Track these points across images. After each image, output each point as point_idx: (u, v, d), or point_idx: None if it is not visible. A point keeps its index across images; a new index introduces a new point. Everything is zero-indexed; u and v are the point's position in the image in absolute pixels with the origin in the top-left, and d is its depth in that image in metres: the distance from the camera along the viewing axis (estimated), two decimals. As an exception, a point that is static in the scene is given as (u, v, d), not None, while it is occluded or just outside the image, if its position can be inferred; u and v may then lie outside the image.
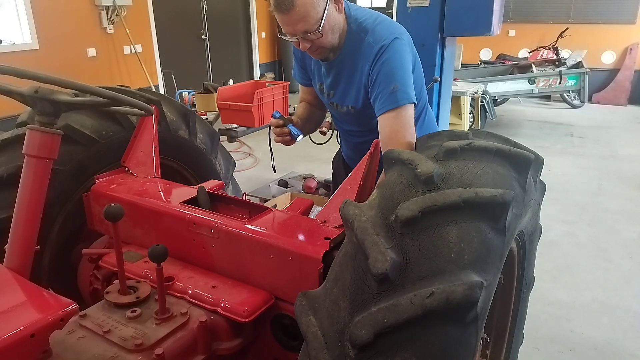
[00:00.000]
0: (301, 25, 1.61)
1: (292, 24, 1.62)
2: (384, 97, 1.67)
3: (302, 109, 2.09)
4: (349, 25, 1.74)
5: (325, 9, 1.61)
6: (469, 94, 5.86)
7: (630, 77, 8.75)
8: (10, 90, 1.31)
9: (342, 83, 1.84)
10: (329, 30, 1.66)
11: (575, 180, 5.14)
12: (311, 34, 1.63)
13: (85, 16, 6.34)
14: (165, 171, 1.95)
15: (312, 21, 1.60)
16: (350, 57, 1.77)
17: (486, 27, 3.05)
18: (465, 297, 0.87)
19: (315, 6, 1.58)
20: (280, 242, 1.35)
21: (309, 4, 1.57)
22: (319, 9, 1.59)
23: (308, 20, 1.60)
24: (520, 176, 1.18)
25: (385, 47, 1.68)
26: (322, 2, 1.60)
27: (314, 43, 1.67)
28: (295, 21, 1.60)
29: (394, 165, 1.14)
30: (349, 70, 1.79)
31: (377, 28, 1.72)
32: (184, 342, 1.27)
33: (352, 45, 1.75)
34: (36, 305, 1.15)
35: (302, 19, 1.59)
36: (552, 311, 2.88)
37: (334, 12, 1.66)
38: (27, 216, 1.38)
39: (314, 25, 1.61)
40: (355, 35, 1.74)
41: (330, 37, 1.69)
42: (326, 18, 1.62)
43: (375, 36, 1.70)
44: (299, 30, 1.62)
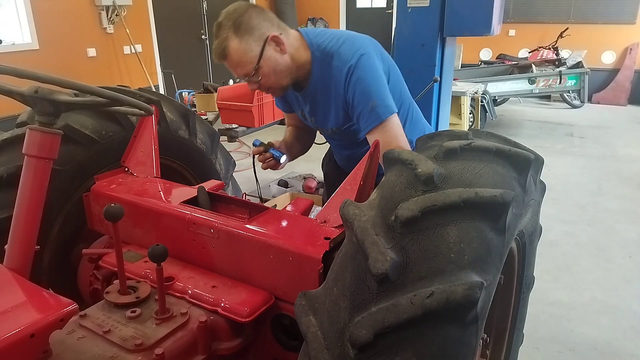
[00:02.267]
0: (239, 70, 1.68)
1: (232, 69, 1.70)
2: (365, 115, 1.69)
3: (289, 134, 2.13)
4: (313, 54, 1.75)
5: (262, 52, 1.64)
6: (469, 94, 5.86)
7: (630, 77, 8.75)
8: (10, 90, 1.31)
9: (320, 109, 1.86)
10: (269, 72, 1.68)
11: (575, 180, 5.14)
12: (251, 77, 1.68)
13: (85, 16, 6.35)
14: (165, 171, 1.95)
15: (248, 66, 1.65)
16: (321, 84, 1.78)
17: (486, 27, 3.05)
18: (465, 297, 0.86)
19: (248, 52, 1.63)
20: (280, 242, 1.35)
21: (241, 51, 1.62)
22: (252, 54, 1.64)
23: (244, 66, 1.66)
24: (520, 176, 1.18)
25: (353, 67, 1.68)
26: (257, 47, 1.63)
27: (260, 85, 1.72)
28: (232, 67, 1.68)
29: (394, 165, 1.14)
30: (323, 96, 1.80)
31: (341, 49, 1.72)
32: (184, 342, 1.27)
33: (321, 72, 1.76)
34: (36, 305, 1.15)
35: (237, 66, 1.66)
36: (552, 311, 2.88)
37: (274, 54, 1.67)
38: (27, 216, 1.38)
39: (251, 69, 1.66)
40: (321, 61, 1.75)
41: (274, 79, 1.71)
42: (264, 61, 1.65)
43: (341, 58, 1.70)
44: (239, 74, 1.70)
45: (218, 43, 1.63)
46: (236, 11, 1.63)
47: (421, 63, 3.17)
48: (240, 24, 1.61)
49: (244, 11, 1.62)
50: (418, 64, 3.17)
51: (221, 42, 1.62)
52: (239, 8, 1.63)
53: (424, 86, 2.84)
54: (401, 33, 3.25)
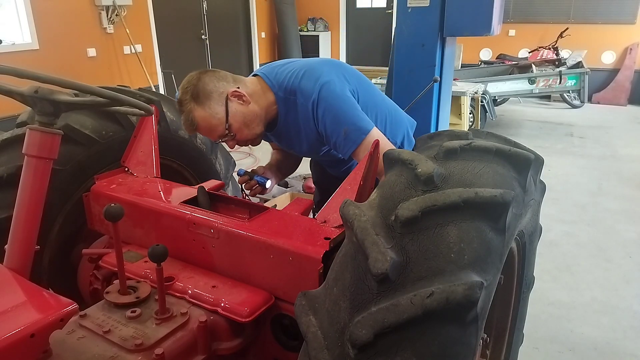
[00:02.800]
0: (213, 135, 1.70)
1: (207, 136, 1.73)
2: (341, 143, 1.70)
3: (275, 156, 2.17)
4: (276, 95, 1.75)
5: (226, 110, 1.66)
6: (469, 94, 5.86)
7: (630, 77, 8.75)
8: (10, 90, 1.31)
9: (294, 143, 1.89)
10: (240, 126, 1.70)
11: (575, 180, 5.14)
12: (225, 137, 1.71)
13: (85, 16, 6.35)
14: (165, 171, 1.95)
15: (220, 128, 1.67)
16: (290, 122, 1.79)
17: (486, 27, 3.05)
18: (465, 297, 0.87)
19: (214, 115, 1.65)
20: (280, 242, 1.35)
21: (208, 117, 1.65)
22: (218, 116, 1.66)
23: (215, 129, 1.68)
24: (520, 176, 1.18)
25: (317, 101, 1.67)
26: (221, 108, 1.66)
27: (237, 140, 1.74)
28: (207, 134, 1.71)
29: (394, 165, 1.14)
30: (294, 132, 1.82)
31: (302, 85, 1.71)
32: (184, 342, 1.27)
33: (287, 111, 1.77)
34: (36, 305, 1.15)
35: (210, 131, 1.69)
36: (552, 311, 2.88)
37: (239, 107, 1.68)
38: (27, 216, 1.38)
39: (223, 130, 1.68)
40: (285, 100, 1.75)
41: (247, 131, 1.73)
42: (231, 118, 1.67)
43: (304, 94, 1.70)
44: (215, 138, 1.72)
45: (185, 117, 1.66)
46: (190, 82, 1.66)
47: (421, 63, 3.16)
48: (198, 93, 1.64)
49: (197, 80, 1.66)
50: (418, 64, 3.16)
51: (187, 115, 1.65)
52: (192, 79, 1.67)
53: (424, 86, 2.84)
54: (401, 33, 3.25)
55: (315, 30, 10.60)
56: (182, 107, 1.66)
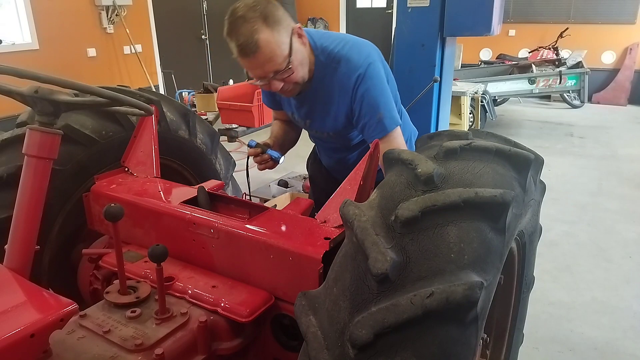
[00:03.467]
0: (270, 66, 1.55)
1: (260, 67, 1.56)
2: (371, 127, 1.67)
3: (277, 128, 2.04)
4: (317, 57, 1.69)
5: (291, 44, 1.56)
6: (469, 94, 5.86)
7: (630, 77, 8.75)
8: (10, 90, 1.31)
9: (317, 113, 1.81)
10: (298, 65, 1.61)
11: (575, 180, 5.14)
12: (281, 72, 1.57)
13: (85, 16, 6.35)
14: (165, 171, 1.95)
15: (280, 60, 1.55)
16: (323, 89, 1.72)
17: (486, 27, 3.05)
18: (465, 297, 0.87)
19: (280, 44, 1.53)
20: (280, 242, 1.35)
21: (273, 43, 1.51)
22: (284, 47, 1.54)
23: (276, 60, 1.54)
24: (520, 176, 1.18)
25: (362, 76, 1.64)
26: (286, 39, 1.55)
27: (286, 81, 1.62)
28: (262, 63, 1.54)
29: (394, 165, 1.14)
30: (323, 101, 1.75)
31: (349, 55, 1.66)
32: (184, 342, 1.27)
33: (324, 77, 1.70)
34: (36, 305, 1.15)
35: (270, 60, 1.53)
36: (552, 311, 2.88)
37: (299, 46, 1.61)
38: (27, 216, 1.38)
39: (283, 63, 1.56)
40: (325, 66, 1.69)
41: (301, 72, 1.64)
42: (293, 54, 1.57)
43: (350, 65, 1.65)
44: (269, 71, 1.56)
45: (245, 37, 1.47)
46: (259, 3, 1.50)
47: (421, 63, 3.16)
48: (268, 14, 1.49)
49: (266, 3, 1.52)
50: (418, 64, 3.16)
51: (249, 35, 1.47)
52: (259, 2, 1.51)
53: (424, 86, 2.84)
54: (401, 33, 3.25)
55: (315, 30, 10.59)
56: (244, 25, 1.47)
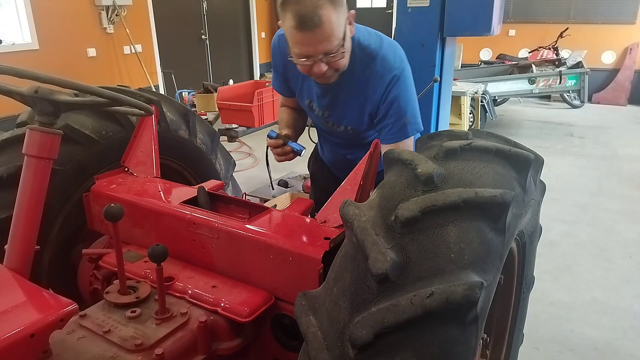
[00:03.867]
0: (324, 45, 1.48)
1: (314, 44, 1.47)
2: (394, 129, 1.66)
3: (287, 115, 1.97)
4: (352, 50, 1.64)
5: (345, 29, 1.52)
6: (469, 94, 5.86)
7: (630, 77, 8.75)
8: (10, 90, 1.31)
9: (340, 105, 1.77)
10: (347, 51, 1.56)
11: (575, 180, 5.14)
12: (333, 55, 1.51)
13: (85, 16, 6.35)
14: (165, 171, 1.95)
15: (335, 42, 1.49)
16: (352, 82, 1.69)
17: (486, 27, 3.05)
18: (465, 297, 0.87)
19: (338, 25, 1.47)
20: (280, 242, 1.35)
21: (334, 23, 1.45)
22: (341, 29, 1.49)
23: (332, 41, 1.48)
24: (520, 176, 1.18)
25: (396, 79, 1.64)
26: (344, 22, 1.50)
27: (331, 65, 1.55)
28: (318, 41, 1.47)
29: (394, 165, 1.14)
30: (352, 94, 1.72)
31: (385, 55, 1.65)
32: (184, 342, 1.27)
33: (354, 70, 1.66)
34: (36, 305, 1.15)
35: (326, 39, 1.47)
36: (552, 311, 2.88)
37: (349, 33, 1.57)
38: (27, 216, 1.38)
39: (337, 45, 1.50)
40: (359, 60, 1.65)
41: (347, 60, 1.59)
42: (346, 39, 1.53)
43: (385, 65, 1.64)
44: (321, 50, 1.49)
45: (309, 9, 1.40)
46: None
47: (421, 63, 3.16)
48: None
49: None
50: (418, 64, 3.14)
51: (314, 8, 1.41)
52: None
53: (424, 86, 2.84)
54: (401, 33, 3.25)
55: (316, 30, 10.58)
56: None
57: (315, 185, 2.37)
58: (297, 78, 1.81)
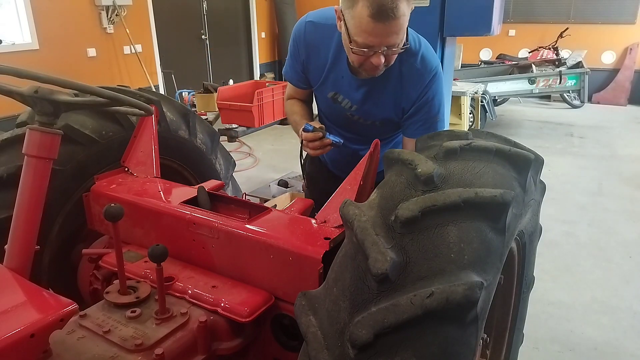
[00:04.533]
0: (393, 38, 1.46)
1: (384, 36, 1.44)
2: (426, 125, 1.71)
3: (300, 108, 1.93)
4: None
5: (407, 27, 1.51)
6: (469, 94, 5.86)
7: (630, 77, 8.75)
8: (10, 90, 1.31)
9: (374, 99, 1.75)
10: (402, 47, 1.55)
11: (575, 180, 5.14)
12: (395, 49, 1.50)
13: (85, 16, 6.35)
14: (165, 171, 1.95)
15: (402, 36, 1.48)
16: (392, 78, 1.68)
17: (486, 27, 3.05)
18: (465, 297, 0.87)
19: (407, 21, 1.47)
20: (280, 242, 1.35)
21: (406, 17, 1.46)
22: (407, 24, 1.49)
23: (400, 35, 1.47)
24: (520, 176, 1.18)
25: (434, 78, 1.68)
26: (408, 20, 1.49)
27: (388, 59, 1.53)
28: (389, 33, 1.44)
29: (394, 165, 1.14)
30: (389, 90, 1.71)
31: (424, 54, 1.66)
32: (184, 342, 1.27)
33: (395, 66, 1.63)
34: (36, 305, 1.15)
35: (397, 32, 1.46)
36: (552, 311, 2.88)
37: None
38: (27, 216, 1.38)
39: (403, 40, 1.50)
40: (399, 56, 1.62)
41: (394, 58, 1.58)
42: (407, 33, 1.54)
43: (425, 63, 1.66)
44: (387, 43, 1.47)
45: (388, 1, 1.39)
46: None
47: (421, 63, 3.16)
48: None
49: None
50: (418, 64, 3.16)
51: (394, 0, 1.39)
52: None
53: (424, 86, 2.84)
54: (401, 33, 3.24)
55: (316, 30, 10.58)
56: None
57: (313, 186, 2.30)
58: (322, 69, 1.77)
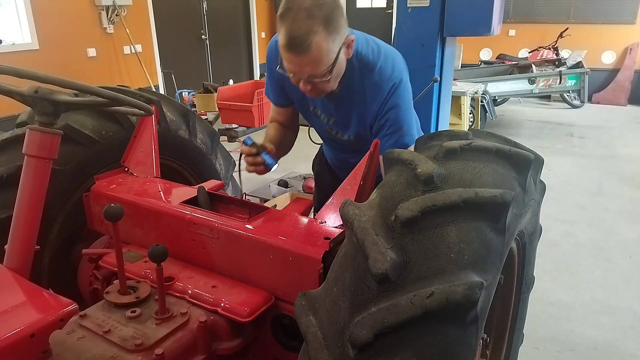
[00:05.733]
0: (310, 69, 1.48)
1: (300, 66, 1.48)
2: (391, 140, 1.66)
3: (274, 132, 1.91)
4: (350, 60, 1.62)
5: (338, 55, 1.50)
6: (469, 94, 5.86)
7: (630, 77, 8.75)
8: (10, 90, 1.31)
9: (343, 114, 1.77)
10: (335, 76, 1.55)
11: (575, 180, 5.14)
12: (317, 79, 1.51)
13: (85, 16, 6.35)
14: (165, 171, 1.95)
15: (323, 67, 1.48)
16: (354, 93, 1.69)
17: (486, 27, 3.05)
18: (465, 297, 0.87)
19: (329, 52, 1.46)
20: (280, 242, 1.35)
21: (324, 50, 1.44)
22: (331, 56, 1.48)
23: (318, 66, 1.48)
24: (520, 176, 1.18)
25: (394, 90, 1.64)
26: (336, 49, 1.48)
27: (315, 87, 1.56)
28: (304, 64, 1.47)
29: (394, 165, 1.14)
30: (353, 105, 1.72)
31: (382, 65, 1.65)
32: (184, 342, 1.27)
33: (355, 81, 1.66)
34: (36, 305, 1.15)
35: (313, 64, 1.47)
36: (552, 311, 2.88)
37: (343, 58, 1.55)
38: (27, 216, 1.38)
39: (323, 71, 1.49)
40: (357, 71, 1.65)
41: (334, 84, 1.59)
42: (336, 65, 1.51)
43: (382, 75, 1.64)
44: (306, 73, 1.49)
45: (302, 32, 1.39)
46: (326, 3, 1.42)
47: (421, 63, 3.17)
48: (332, 20, 1.42)
49: (335, 5, 1.44)
50: (418, 64, 3.16)
51: (307, 33, 1.39)
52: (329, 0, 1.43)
53: (424, 86, 2.84)
54: (401, 33, 3.25)
55: (316, 30, 10.59)
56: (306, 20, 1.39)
57: (319, 185, 2.36)
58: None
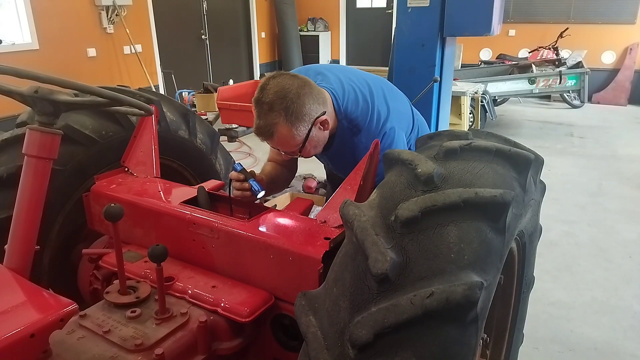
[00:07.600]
0: (281, 148, 1.64)
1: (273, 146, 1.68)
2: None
3: (270, 168, 1.97)
4: (340, 122, 1.72)
5: (308, 134, 1.58)
6: (469, 94, 5.86)
7: (630, 77, 8.75)
8: (10, 90, 1.31)
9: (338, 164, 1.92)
10: (311, 149, 1.66)
11: (575, 180, 5.14)
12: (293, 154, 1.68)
13: (85, 16, 6.35)
14: (165, 171, 1.95)
15: (292, 147, 1.61)
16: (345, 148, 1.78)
17: (486, 27, 3.05)
18: (465, 297, 0.87)
19: (294, 137, 1.56)
20: (280, 242, 1.35)
21: (288, 137, 1.56)
22: (299, 138, 1.57)
23: (287, 147, 1.62)
24: (520, 176, 1.18)
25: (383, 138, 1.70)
26: (305, 131, 1.57)
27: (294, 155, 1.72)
28: (276, 146, 1.66)
29: (394, 165, 1.14)
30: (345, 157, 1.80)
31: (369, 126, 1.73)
32: (184, 342, 1.27)
33: (346, 139, 1.76)
34: (36, 305, 1.15)
35: (281, 145, 1.62)
36: (552, 311, 2.88)
37: (318, 133, 1.63)
38: (27, 216, 1.38)
39: (295, 148, 1.62)
40: (348, 130, 1.75)
41: (313, 152, 1.70)
42: (309, 141, 1.60)
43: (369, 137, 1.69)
44: (282, 150, 1.66)
45: (265, 124, 1.53)
46: (288, 95, 1.50)
47: (421, 63, 3.16)
48: (292, 111, 1.51)
49: (295, 97, 1.51)
50: (418, 64, 3.16)
51: (269, 124, 1.52)
52: (290, 92, 1.51)
53: (424, 86, 2.84)
54: (401, 33, 3.24)
55: (315, 30, 10.61)
56: (268, 113, 1.51)
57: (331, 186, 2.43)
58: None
